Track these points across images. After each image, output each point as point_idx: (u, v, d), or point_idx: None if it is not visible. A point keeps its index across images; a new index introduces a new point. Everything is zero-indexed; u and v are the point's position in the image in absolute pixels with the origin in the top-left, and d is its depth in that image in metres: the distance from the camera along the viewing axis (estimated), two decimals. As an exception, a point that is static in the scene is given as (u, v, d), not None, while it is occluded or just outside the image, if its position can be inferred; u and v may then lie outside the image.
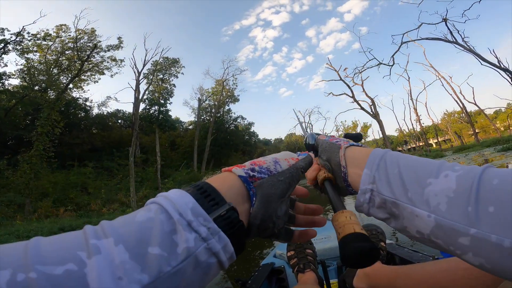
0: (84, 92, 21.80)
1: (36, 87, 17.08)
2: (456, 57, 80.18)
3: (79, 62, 15.60)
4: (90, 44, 17.38)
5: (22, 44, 14.81)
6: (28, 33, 14.38)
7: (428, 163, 0.31)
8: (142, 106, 27.59)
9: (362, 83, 27.98)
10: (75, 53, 16.20)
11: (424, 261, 0.94)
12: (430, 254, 1.01)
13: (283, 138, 56.61)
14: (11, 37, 13.69)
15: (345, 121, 55.89)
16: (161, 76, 27.60)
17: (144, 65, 22.55)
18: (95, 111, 27.97)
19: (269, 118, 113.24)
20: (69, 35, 16.79)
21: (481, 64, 15.96)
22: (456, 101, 24.17)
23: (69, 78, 16.92)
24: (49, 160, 13.05)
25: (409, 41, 17.38)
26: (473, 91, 22.84)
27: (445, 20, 14.94)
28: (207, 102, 33.50)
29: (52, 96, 15.08)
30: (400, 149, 47.61)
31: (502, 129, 34.66)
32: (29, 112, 18.61)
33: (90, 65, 18.18)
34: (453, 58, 77.48)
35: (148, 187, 20.13)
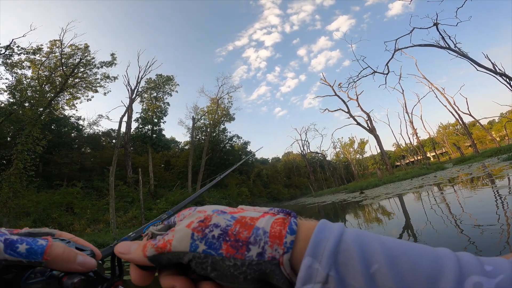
0: (76, 110, 21.43)
1: (26, 104, 16.65)
2: (446, 67, 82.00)
3: (66, 77, 15.32)
4: (83, 61, 17.29)
5: (12, 58, 14.53)
6: (18, 46, 14.15)
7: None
8: (134, 125, 27.17)
9: (357, 97, 28.11)
10: (61, 68, 15.96)
11: None
12: None
13: (280, 157, 56.03)
14: (0, 50, 13.42)
15: (342, 137, 55.89)
16: (155, 94, 27.46)
17: (137, 82, 22.47)
18: (88, 130, 27.46)
19: (265, 138, 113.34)
20: (63, 51, 16.69)
21: (477, 70, 15.75)
22: (452, 113, 24.15)
23: (59, 95, 16.57)
24: (30, 179, 12.33)
25: (403, 48, 17.45)
26: (466, 101, 22.94)
27: (436, 24, 14.98)
28: (202, 121, 33.27)
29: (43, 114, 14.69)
30: (399, 163, 47.07)
31: (498, 139, 34.57)
32: (17, 130, 18.18)
33: (82, 82, 17.91)
34: (444, 68, 79.18)
35: (139, 207, 19.44)
